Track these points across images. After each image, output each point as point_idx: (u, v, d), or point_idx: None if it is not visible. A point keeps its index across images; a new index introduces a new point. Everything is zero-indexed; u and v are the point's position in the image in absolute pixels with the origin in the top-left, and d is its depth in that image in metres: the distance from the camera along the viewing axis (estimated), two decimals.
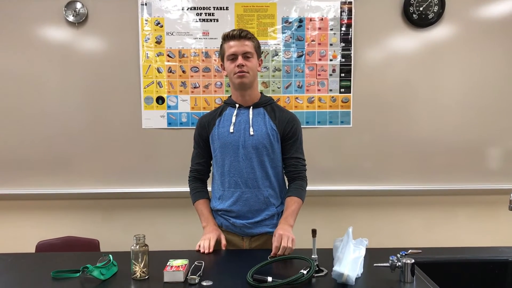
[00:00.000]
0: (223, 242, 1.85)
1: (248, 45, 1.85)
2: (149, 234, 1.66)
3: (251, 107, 1.92)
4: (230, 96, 1.99)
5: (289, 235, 1.71)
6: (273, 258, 1.63)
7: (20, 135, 2.67)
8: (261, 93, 1.99)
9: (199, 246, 1.82)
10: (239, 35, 1.84)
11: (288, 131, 1.91)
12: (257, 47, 1.91)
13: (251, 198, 1.87)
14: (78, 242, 2.61)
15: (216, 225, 1.94)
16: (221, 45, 1.91)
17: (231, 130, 1.88)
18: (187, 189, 2.04)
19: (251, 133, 1.87)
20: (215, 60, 2.67)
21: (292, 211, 1.86)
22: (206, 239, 1.83)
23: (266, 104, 1.94)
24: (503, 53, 2.68)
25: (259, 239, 1.91)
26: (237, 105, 1.92)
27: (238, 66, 1.83)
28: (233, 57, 1.85)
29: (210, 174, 2.07)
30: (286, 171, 1.99)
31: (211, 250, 1.79)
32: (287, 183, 2.01)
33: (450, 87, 2.71)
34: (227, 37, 1.87)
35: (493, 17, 2.67)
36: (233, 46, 1.84)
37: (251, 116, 1.90)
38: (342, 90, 2.70)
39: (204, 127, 1.96)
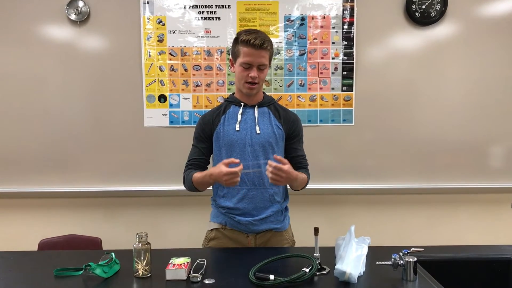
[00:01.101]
0: (230, 160, 1.72)
1: (264, 57, 1.82)
2: (151, 232, 1.66)
3: (256, 106, 1.92)
4: (233, 94, 1.98)
5: (286, 178, 1.70)
6: (276, 257, 1.63)
7: (22, 134, 2.67)
8: (263, 92, 1.99)
9: (229, 182, 1.71)
10: (260, 45, 1.78)
11: (293, 131, 1.93)
12: (271, 55, 1.89)
13: (257, 195, 1.87)
14: (81, 240, 2.62)
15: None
16: (236, 45, 1.84)
17: (237, 128, 1.88)
18: None
19: (258, 131, 1.87)
20: (217, 58, 2.67)
21: (299, 174, 1.83)
22: (221, 171, 1.70)
23: (269, 103, 1.95)
24: (506, 51, 2.67)
25: (264, 235, 1.91)
26: (242, 104, 1.92)
27: (251, 77, 1.80)
28: (248, 66, 1.81)
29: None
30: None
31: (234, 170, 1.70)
32: None
33: (453, 85, 2.70)
34: (247, 43, 1.78)
35: (496, 15, 2.66)
36: (250, 55, 1.79)
37: (256, 115, 1.90)
38: (344, 88, 2.70)
39: (209, 124, 1.93)
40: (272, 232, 1.92)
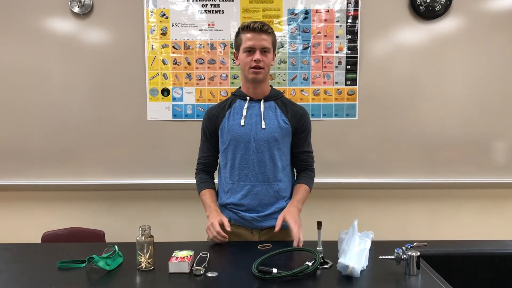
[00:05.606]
0: (226, 223, 1.77)
1: (266, 40, 1.82)
2: (154, 225, 1.66)
3: (262, 100, 1.90)
4: (239, 87, 1.96)
5: (298, 223, 1.74)
6: (279, 250, 1.63)
7: (25, 127, 2.67)
8: (270, 86, 1.97)
9: (211, 238, 1.77)
10: (260, 28, 1.80)
11: (300, 125, 1.91)
12: (274, 41, 1.89)
13: (262, 191, 1.86)
14: (84, 233, 2.63)
15: (218, 210, 1.87)
16: (238, 34, 1.87)
17: (242, 123, 1.86)
18: (192, 180, 2.03)
19: (263, 126, 1.85)
20: (220, 52, 2.66)
21: (302, 197, 1.88)
22: (210, 227, 1.77)
23: (276, 97, 1.93)
24: (511, 46, 2.66)
25: (269, 232, 1.90)
26: (248, 98, 1.90)
27: (255, 61, 1.80)
28: (250, 50, 1.82)
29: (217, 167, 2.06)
30: (296, 164, 1.99)
31: (223, 235, 1.74)
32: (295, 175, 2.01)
33: (457, 80, 2.68)
34: (246, 28, 1.82)
35: (501, 9, 2.64)
36: (251, 39, 1.81)
37: (262, 109, 1.88)
38: (348, 82, 2.69)
39: (212, 119, 1.93)
40: None
